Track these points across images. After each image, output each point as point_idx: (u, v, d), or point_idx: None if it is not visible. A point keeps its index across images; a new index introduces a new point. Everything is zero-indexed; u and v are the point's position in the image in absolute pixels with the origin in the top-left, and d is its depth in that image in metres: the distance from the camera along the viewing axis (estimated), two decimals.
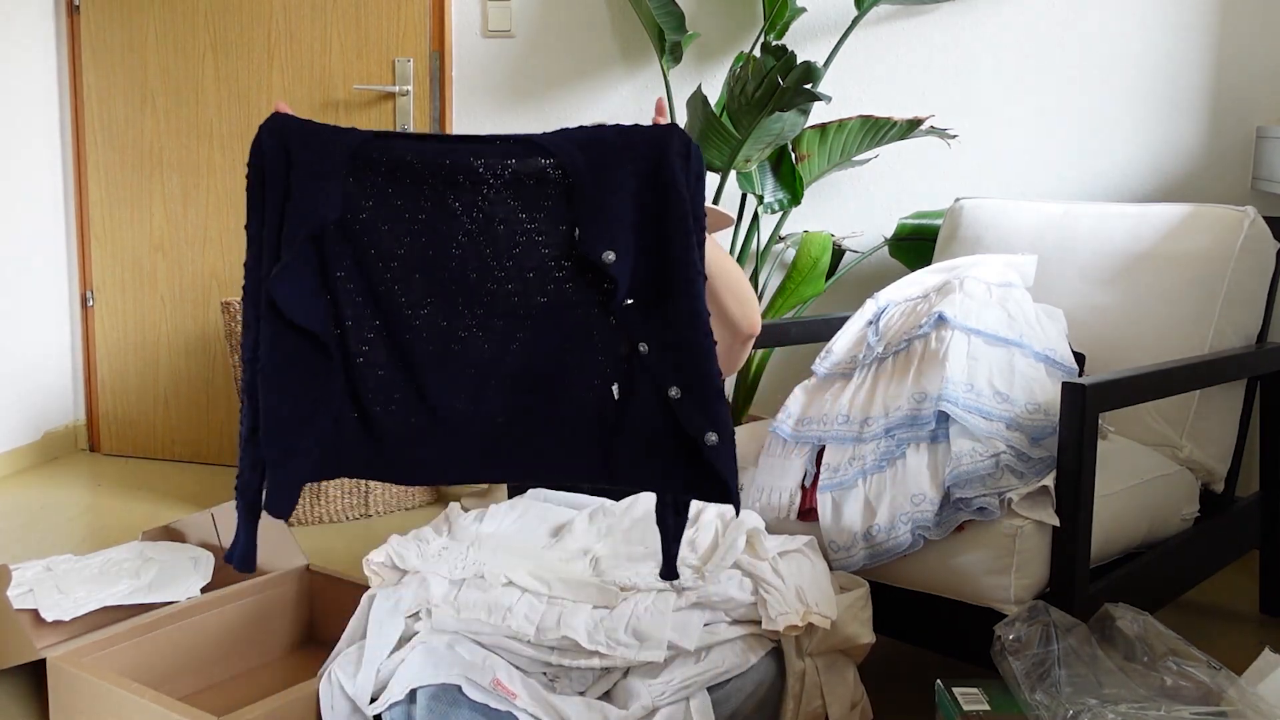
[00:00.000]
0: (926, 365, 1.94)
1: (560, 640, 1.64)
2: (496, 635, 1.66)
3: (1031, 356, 1.99)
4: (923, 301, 2.08)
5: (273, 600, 2.19)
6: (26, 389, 3.72)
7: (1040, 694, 1.57)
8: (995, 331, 1.99)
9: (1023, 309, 2.07)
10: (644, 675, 1.62)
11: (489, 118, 3.47)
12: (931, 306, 2.04)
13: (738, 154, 2.78)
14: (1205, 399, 2.23)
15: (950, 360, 1.91)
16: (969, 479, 1.80)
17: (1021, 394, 1.91)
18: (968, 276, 2.07)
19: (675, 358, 1.35)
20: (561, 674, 1.66)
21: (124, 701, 1.73)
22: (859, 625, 1.83)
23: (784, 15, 2.94)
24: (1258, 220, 2.27)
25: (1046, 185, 2.98)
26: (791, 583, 1.75)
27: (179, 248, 3.74)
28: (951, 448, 1.83)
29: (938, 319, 1.99)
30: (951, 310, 1.99)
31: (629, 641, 1.63)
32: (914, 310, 2.07)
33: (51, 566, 2.25)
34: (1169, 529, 2.10)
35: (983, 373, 1.92)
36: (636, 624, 1.64)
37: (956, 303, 2.01)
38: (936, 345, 1.95)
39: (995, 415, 1.87)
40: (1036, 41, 2.97)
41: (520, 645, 1.65)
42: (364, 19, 3.49)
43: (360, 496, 3.15)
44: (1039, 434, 1.88)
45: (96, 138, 3.77)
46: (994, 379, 1.92)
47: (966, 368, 1.91)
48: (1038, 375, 1.97)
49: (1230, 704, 1.52)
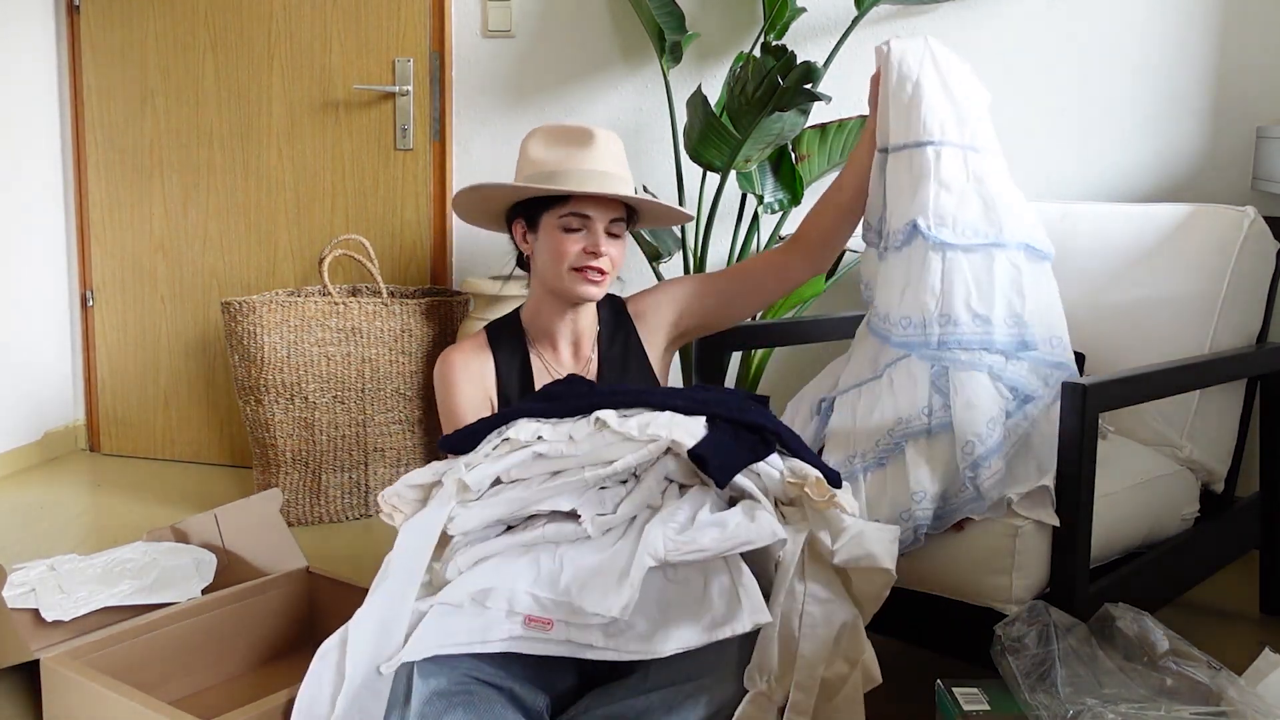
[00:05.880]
0: (913, 280, 1.89)
1: (594, 440, 1.64)
2: (529, 473, 1.64)
3: (1010, 250, 1.91)
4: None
5: (273, 601, 2.19)
6: (26, 389, 3.72)
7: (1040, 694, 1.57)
8: (974, 235, 1.89)
9: (1001, 184, 1.95)
10: (663, 522, 1.59)
11: (489, 118, 3.47)
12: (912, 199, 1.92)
13: (738, 154, 2.78)
14: (1205, 399, 2.23)
15: (923, 292, 1.86)
16: (985, 458, 1.79)
17: (1001, 306, 1.86)
18: (945, 145, 1.93)
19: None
20: (595, 501, 1.64)
21: (113, 703, 1.73)
22: (880, 546, 1.61)
23: (784, 15, 2.94)
24: (1258, 220, 2.27)
25: (1047, 185, 2.98)
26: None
27: (179, 248, 3.74)
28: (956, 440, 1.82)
29: (913, 228, 1.89)
30: (925, 217, 1.88)
31: (661, 431, 1.63)
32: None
33: (55, 566, 2.25)
34: (1169, 529, 2.10)
35: (959, 295, 1.86)
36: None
37: (931, 202, 1.89)
38: (918, 263, 1.89)
39: (974, 344, 1.84)
40: (1037, 41, 2.97)
41: (550, 480, 1.63)
42: (364, 19, 3.49)
43: (360, 496, 3.15)
44: (1013, 348, 1.85)
45: (96, 138, 3.77)
46: (971, 299, 1.86)
47: (940, 294, 1.86)
48: (1015, 275, 1.90)
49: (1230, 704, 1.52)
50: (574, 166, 1.97)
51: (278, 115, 3.59)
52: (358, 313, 3.09)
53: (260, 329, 3.02)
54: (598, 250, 1.96)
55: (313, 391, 3.06)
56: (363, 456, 3.13)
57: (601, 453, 1.66)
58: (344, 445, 3.10)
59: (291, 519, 3.08)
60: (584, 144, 1.99)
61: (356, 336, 3.09)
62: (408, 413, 3.16)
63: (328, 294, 3.20)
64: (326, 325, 3.06)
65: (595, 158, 1.98)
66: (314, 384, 3.06)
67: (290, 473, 3.09)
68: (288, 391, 3.04)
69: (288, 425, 3.06)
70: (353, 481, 3.14)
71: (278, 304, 3.04)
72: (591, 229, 1.97)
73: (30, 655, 1.91)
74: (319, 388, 3.06)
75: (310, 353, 3.05)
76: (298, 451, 3.08)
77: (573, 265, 1.97)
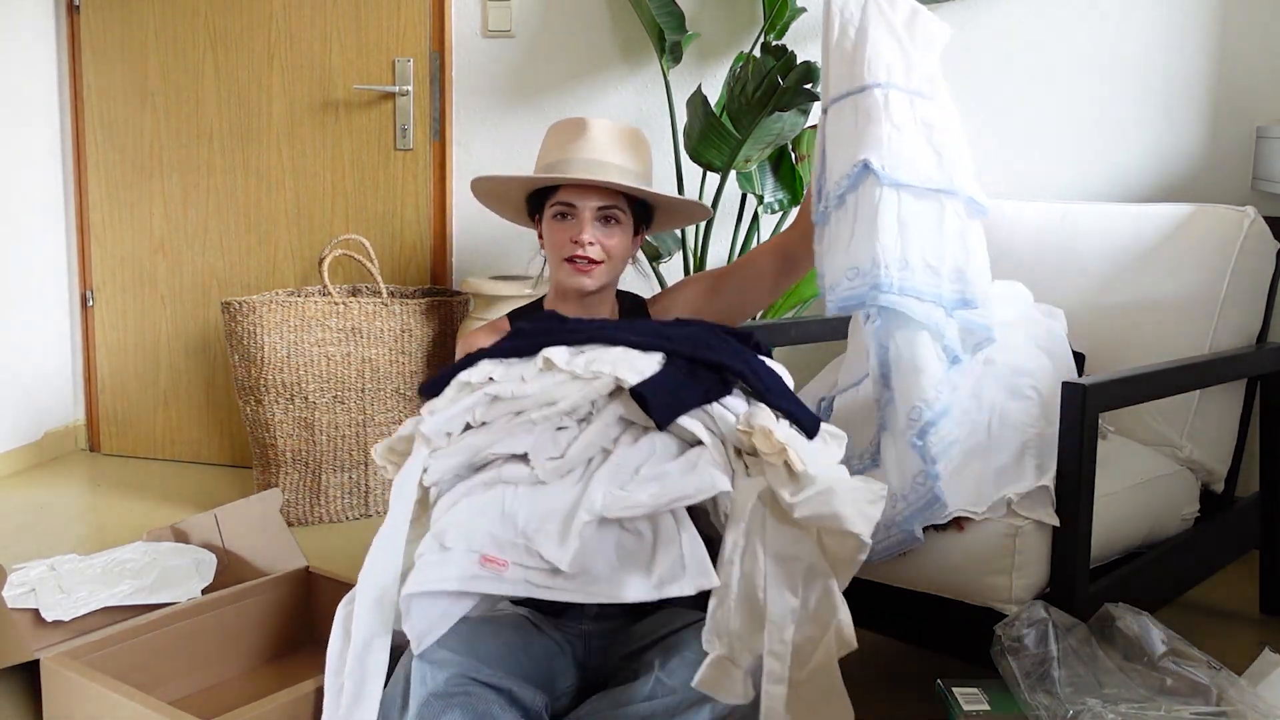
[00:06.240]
0: (861, 228, 1.76)
1: (543, 380, 1.61)
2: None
3: (958, 200, 1.81)
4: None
5: (272, 602, 2.18)
6: (26, 389, 3.72)
7: (1040, 694, 1.57)
8: (927, 179, 1.77)
9: (949, 133, 1.83)
10: (610, 473, 1.56)
11: (489, 118, 3.47)
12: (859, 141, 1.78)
13: (738, 154, 2.78)
14: (1205, 399, 2.23)
15: (881, 230, 1.74)
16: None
17: (949, 259, 1.78)
18: (892, 89, 1.80)
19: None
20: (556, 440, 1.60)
21: (113, 703, 1.73)
22: (849, 506, 1.48)
23: (784, 15, 2.94)
24: (1258, 220, 2.27)
25: (1047, 185, 2.98)
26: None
27: (179, 248, 3.74)
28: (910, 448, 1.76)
29: (863, 168, 1.77)
30: (879, 155, 1.76)
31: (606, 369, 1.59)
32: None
33: (55, 566, 2.25)
34: (1169, 529, 2.10)
35: (916, 242, 1.75)
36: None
37: (884, 141, 1.76)
38: (867, 206, 1.76)
39: (927, 295, 1.75)
40: (1038, 41, 2.97)
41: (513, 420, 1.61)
42: (364, 19, 3.49)
43: (360, 496, 3.15)
44: (954, 304, 1.77)
45: (96, 138, 3.77)
46: (926, 249, 1.76)
47: (899, 237, 1.74)
48: (961, 227, 1.81)
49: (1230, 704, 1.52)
50: (567, 156, 1.97)
51: (278, 115, 3.59)
52: (358, 313, 3.09)
53: (260, 329, 3.02)
54: (579, 238, 1.94)
55: (313, 391, 3.06)
56: (363, 456, 3.13)
57: (551, 392, 1.62)
58: (344, 445, 3.10)
59: (291, 519, 3.08)
60: (579, 134, 1.98)
61: (356, 336, 3.09)
62: (408, 413, 3.16)
63: (328, 294, 3.20)
64: (326, 325, 3.06)
65: (589, 146, 1.97)
66: (314, 384, 3.06)
67: (290, 473, 3.09)
68: (288, 391, 3.04)
69: (288, 425, 3.06)
70: (353, 481, 3.14)
71: (278, 304, 3.04)
72: (578, 216, 1.95)
73: (30, 655, 1.91)
74: (319, 388, 3.06)
75: (310, 353, 3.05)
76: (298, 451, 3.08)
77: (564, 255, 1.97)
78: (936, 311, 1.76)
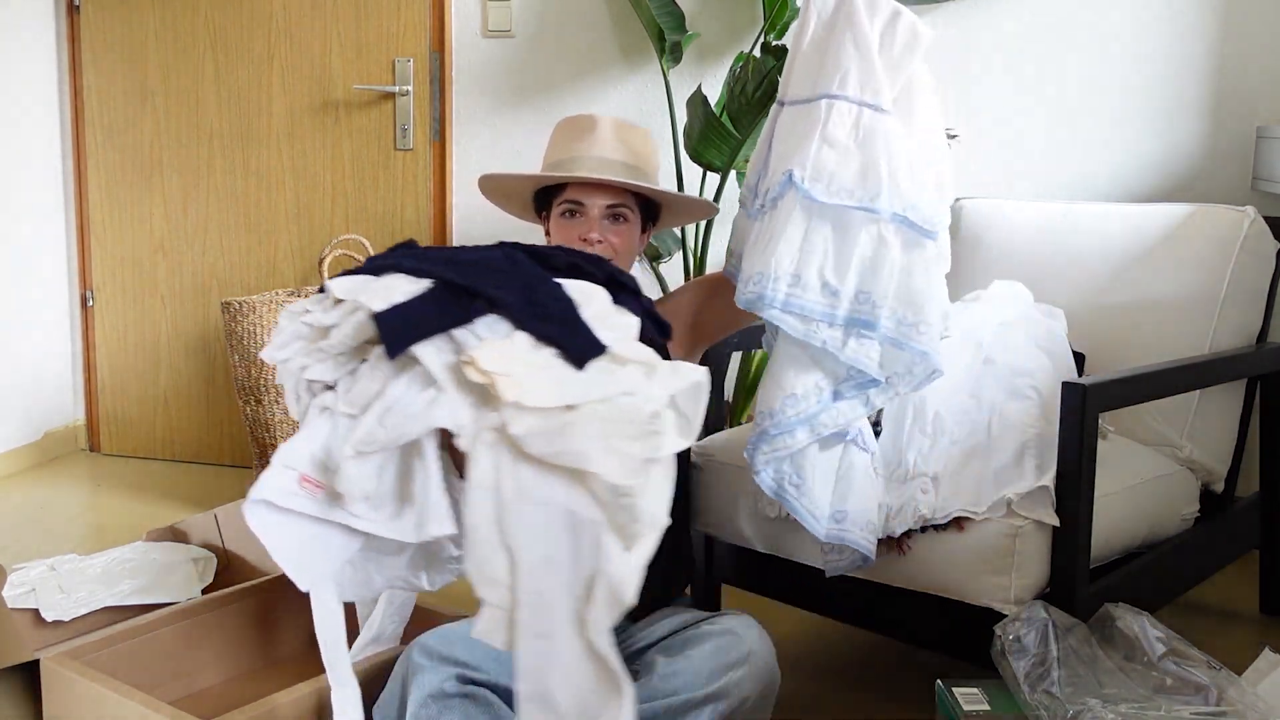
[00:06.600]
0: (773, 237, 1.76)
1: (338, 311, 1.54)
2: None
3: (882, 220, 1.74)
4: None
5: (272, 601, 2.18)
6: (27, 389, 3.72)
7: (1040, 694, 1.57)
8: (845, 196, 1.73)
9: (897, 147, 1.76)
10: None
11: (489, 118, 3.47)
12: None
13: (738, 154, 2.78)
14: (1205, 399, 2.23)
15: (780, 244, 1.73)
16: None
17: (852, 280, 1.74)
18: (839, 100, 1.77)
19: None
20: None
21: (113, 703, 1.73)
22: (592, 443, 1.36)
23: (784, 15, 2.94)
24: (1258, 220, 2.27)
25: (1047, 185, 2.98)
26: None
27: (179, 248, 3.74)
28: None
29: (786, 181, 1.76)
30: (802, 169, 1.74)
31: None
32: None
33: (55, 566, 2.25)
34: (1169, 529, 2.10)
35: (815, 260, 1.73)
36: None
37: (812, 153, 1.75)
38: (783, 216, 1.75)
39: (816, 314, 1.73)
40: (1037, 41, 2.97)
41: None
42: (364, 19, 3.49)
43: None
44: (855, 326, 1.74)
45: (96, 138, 3.77)
46: (826, 268, 1.73)
47: (799, 252, 1.73)
48: (877, 248, 1.75)
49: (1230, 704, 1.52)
50: (575, 154, 1.97)
51: (278, 115, 3.59)
52: None
53: (260, 329, 3.01)
54: (588, 236, 1.94)
55: None
56: None
57: (324, 320, 1.56)
58: None
59: None
60: (586, 132, 1.99)
61: None
62: None
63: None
64: None
65: (597, 144, 1.97)
66: None
67: None
68: None
69: (288, 425, 3.06)
70: None
71: (278, 304, 3.04)
72: (586, 214, 1.96)
73: (30, 655, 1.91)
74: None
75: None
76: None
77: None
78: (827, 331, 1.74)
